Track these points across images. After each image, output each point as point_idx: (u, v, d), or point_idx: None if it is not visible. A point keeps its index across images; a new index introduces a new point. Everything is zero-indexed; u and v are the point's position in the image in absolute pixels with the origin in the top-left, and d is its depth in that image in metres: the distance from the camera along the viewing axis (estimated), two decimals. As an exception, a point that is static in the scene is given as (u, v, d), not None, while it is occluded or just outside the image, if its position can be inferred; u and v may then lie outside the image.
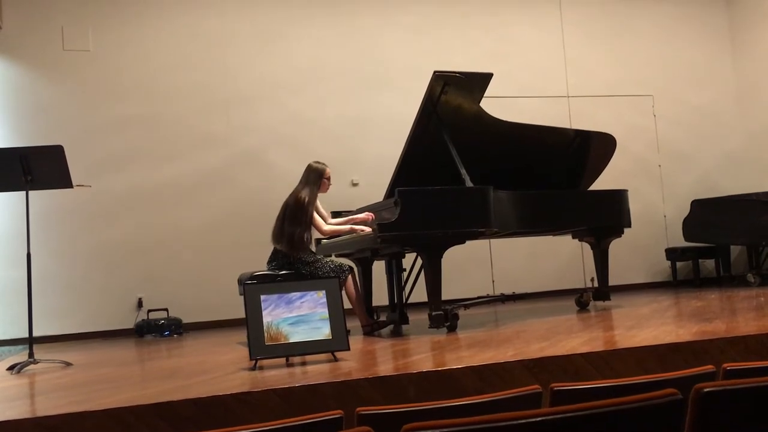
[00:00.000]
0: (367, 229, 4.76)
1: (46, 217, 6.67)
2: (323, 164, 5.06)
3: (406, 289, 5.32)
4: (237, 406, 2.70)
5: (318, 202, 5.10)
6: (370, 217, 4.91)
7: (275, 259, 4.98)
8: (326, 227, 5.02)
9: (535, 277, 8.00)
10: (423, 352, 3.74)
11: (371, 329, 4.95)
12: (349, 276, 4.89)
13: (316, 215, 4.95)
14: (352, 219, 5.08)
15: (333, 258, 5.31)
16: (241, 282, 4.84)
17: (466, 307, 5.25)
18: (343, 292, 4.52)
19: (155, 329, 6.62)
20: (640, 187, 8.29)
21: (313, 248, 5.18)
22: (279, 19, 7.72)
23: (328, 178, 5.05)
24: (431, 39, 8.04)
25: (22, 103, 7.00)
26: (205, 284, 7.10)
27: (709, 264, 8.56)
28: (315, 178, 4.98)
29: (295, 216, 4.85)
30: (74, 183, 4.53)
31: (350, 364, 3.37)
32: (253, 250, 5.84)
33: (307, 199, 4.88)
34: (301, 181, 5.03)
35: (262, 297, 3.52)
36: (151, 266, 7.08)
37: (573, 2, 8.64)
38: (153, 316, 6.79)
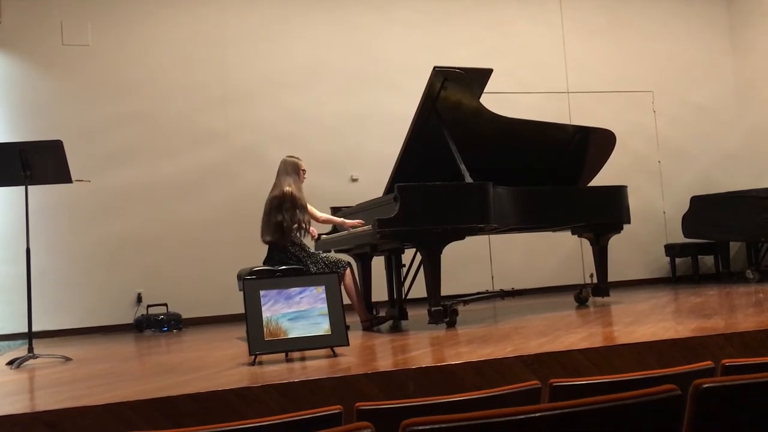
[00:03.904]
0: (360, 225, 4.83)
1: (46, 212, 6.67)
2: (297, 158, 5.13)
3: (405, 284, 5.33)
4: (236, 401, 2.70)
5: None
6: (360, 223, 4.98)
7: (271, 257, 4.98)
8: (321, 215, 5.15)
9: (535, 273, 8.01)
10: (422, 348, 3.74)
11: (370, 325, 4.96)
12: (347, 271, 4.89)
13: (309, 206, 4.99)
14: (344, 222, 5.18)
15: (331, 253, 5.31)
16: (241, 277, 4.83)
17: (466, 302, 5.26)
18: (342, 287, 4.52)
19: (154, 324, 6.62)
20: (640, 184, 8.29)
21: (309, 243, 5.18)
22: (279, 16, 7.71)
23: (303, 171, 5.10)
24: (431, 35, 8.03)
25: (22, 98, 6.99)
26: (204, 279, 7.10)
27: (708, 260, 8.56)
28: (293, 170, 5.03)
29: (282, 205, 4.87)
30: (73, 178, 4.53)
31: (349, 360, 3.38)
32: (253, 246, 5.82)
33: (293, 189, 4.91)
34: (279, 175, 5.04)
35: (262, 292, 3.52)
36: (151, 261, 7.08)
37: (573, -2, 8.63)
38: (152, 311, 6.79)
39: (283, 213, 4.85)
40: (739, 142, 8.95)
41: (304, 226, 4.90)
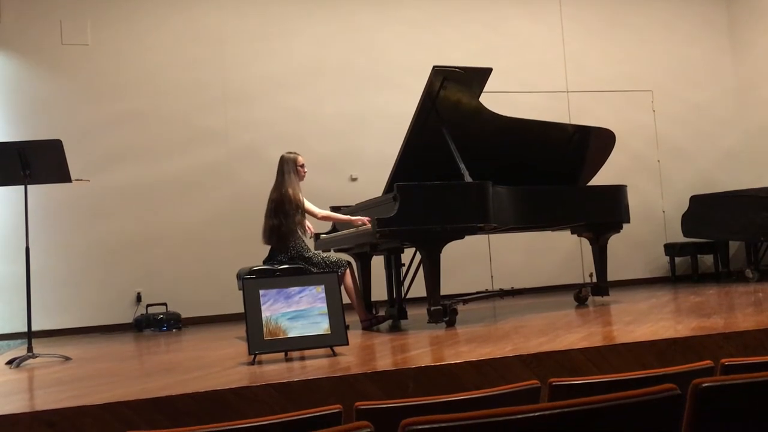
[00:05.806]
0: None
1: (45, 211, 6.66)
2: (295, 153, 5.11)
3: (404, 284, 5.32)
4: (236, 400, 2.70)
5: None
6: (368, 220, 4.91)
7: (272, 257, 4.98)
8: (319, 212, 5.05)
9: (534, 272, 8.01)
10: (422, 347, 3.74)
11: (370, 324, 4.96)
12: (347, 271, 4.89)
13: (308, 202, 4.97)
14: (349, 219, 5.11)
15: (331, 253, 5.31)
16: (240, 277, 4.84)
17: (465, 302, 5.26)
18: (342, 287, 4.52)
19: (154, 324, 6.62)
20: (639, 183, 8.28)
21: (309, 242, 5.17)
22: (278, 15, 7.70)
23: (302, 166, 5.08)
24: (430, 34, 8.03)
25: (21, 97, 6.99)
26: (203, 279, 7.10)
27: (707, 259, 8.56)
28: (290, 167, 5.01)
29: (281, 208, 4.88)
30: (73, 177, 4.52)
31: (349, 359, 3.38)
32: (252, 245, 5.82)
33: (291, 190, 4.91)
34: (278, 174, 5.04)
35: (261, 292, 3.52)
36: (150, 261, 7.07)
37: (573, -3, 8.63)
38: (152, 310, 6.79)
39: (280, 217, 4.87)
40: (739, 141, 8.95)
41: (295, 230, 4.89)
